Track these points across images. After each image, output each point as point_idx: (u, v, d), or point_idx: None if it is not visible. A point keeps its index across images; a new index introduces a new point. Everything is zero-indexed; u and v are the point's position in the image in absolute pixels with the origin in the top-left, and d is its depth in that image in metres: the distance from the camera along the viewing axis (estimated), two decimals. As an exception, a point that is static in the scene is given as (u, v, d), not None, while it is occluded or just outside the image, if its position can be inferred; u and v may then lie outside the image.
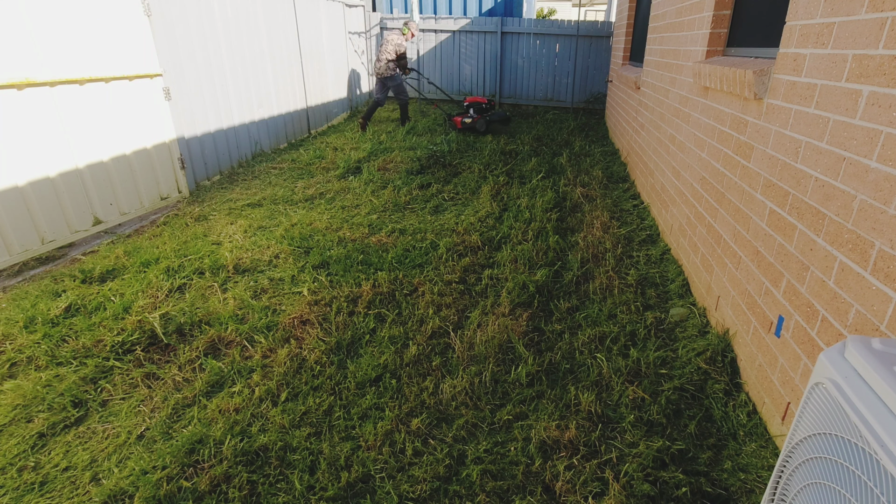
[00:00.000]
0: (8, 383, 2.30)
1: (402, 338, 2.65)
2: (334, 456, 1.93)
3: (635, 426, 2.05)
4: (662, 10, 4.52)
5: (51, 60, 3.52)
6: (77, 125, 3.76)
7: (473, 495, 1.77)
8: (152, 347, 2.58)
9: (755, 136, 2.32)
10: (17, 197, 3.40)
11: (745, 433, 2.01)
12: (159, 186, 4.59)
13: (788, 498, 1.02)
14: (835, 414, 0.88)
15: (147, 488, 1.77)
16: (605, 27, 9.23)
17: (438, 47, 10.11)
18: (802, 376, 1.77)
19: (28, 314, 2.77)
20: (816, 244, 1.76)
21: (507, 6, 10.27)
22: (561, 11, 22.72)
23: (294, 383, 2.32)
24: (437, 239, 3.85)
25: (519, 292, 3.04)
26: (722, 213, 2.66)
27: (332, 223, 4.14)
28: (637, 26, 6.57)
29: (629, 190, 5.09)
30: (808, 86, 1.86)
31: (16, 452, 1.96)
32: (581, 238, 3.87)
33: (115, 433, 2.07)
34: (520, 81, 10.07)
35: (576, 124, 8.38)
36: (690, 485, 1.78)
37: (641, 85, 5.25)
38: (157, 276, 3.21)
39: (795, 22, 2.00)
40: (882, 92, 1.46)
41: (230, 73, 5.61)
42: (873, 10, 1.53)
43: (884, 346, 0.90)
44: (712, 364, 2.37)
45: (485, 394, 2.26)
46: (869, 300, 1.47)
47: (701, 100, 3.15)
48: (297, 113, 7.27)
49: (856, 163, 1.57)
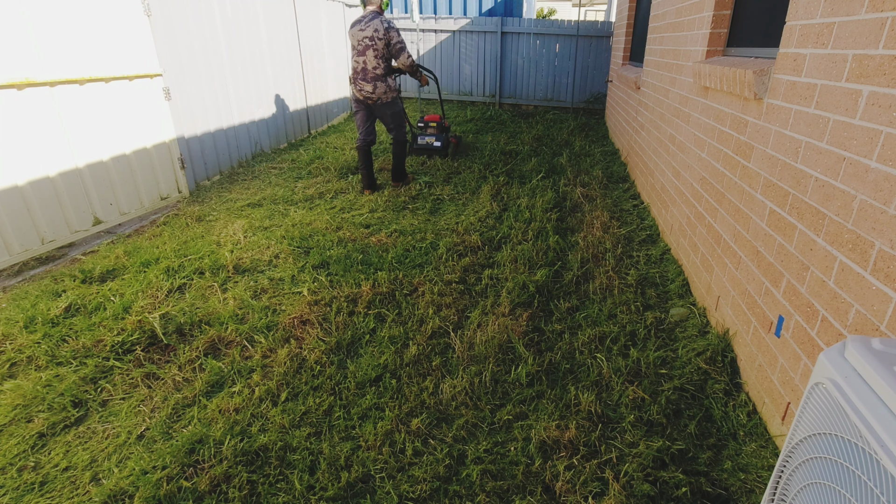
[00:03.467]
0: (8, 383, 2.30)
1: (402, 338, 2.65)
2: (334, 456, 1.93)
3: (635, 426, 2.05)
4: (662, 10, 4.52)
5: (51, 60, 3.52)
6: (77, 125, 3.76)
7: (473, 495, 1.77)
8: (152, 347, 2.58)
9: (755, 136, 2.32)
10: (17, 197, 3.40)
11: (745, 433, 2.01)
12: (159, 186, 4.59)
13: (788, 498, 1.02)
14: (835, 414, 0.88)
15: (147, 488, 1.77)
16: (605, 27, 9.23)
17: (438, 47, 10.11)
18: (802, 376, 1.77)
19: (28, 314, 2.77)
20: (816, 244, 1.76)
21: (507, 6, 10.27)
22: (561, 11, 22.72)
23: (294, 383, 2.32)
24: (436, 239, 3.85)
25: (519, 292, 3.04)
26: (722, 213, 2.66)
27: (332, 223, 4.14)
28: (637, 26, 6.57)
29: (629, 190, 5.09)
30: (808, 86, 1.86)
31: (16, 452, 1.96)
32: (581, 238, 3.87)
33: (115, 433, 2.07)
34: (520, 81, 10.07)
35: (576, 124, 8.38)
36: (690, 485, 1.78)
37: (641, 85, 5.25)
38: (157, 276, 3.21)
39: (795, 22, 2.00)
40: (882, 92, 1.46)
41: (230, 73, 5.61)
42: (873, 10, 1.53)
43: (884, 346, 0.90)
44: (712, 364, 2.37)
45: (485, 394, 2.26)
46: (869, 300, 1.47)
47: (701, 100, 3.15)
48: (297, 113, 7.26)
49: (856, 163, 1.57)
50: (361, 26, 4.55)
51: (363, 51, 4.56)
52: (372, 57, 4.55)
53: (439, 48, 10.11)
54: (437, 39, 10.05)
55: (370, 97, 4.69)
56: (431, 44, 10.10)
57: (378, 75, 4.61)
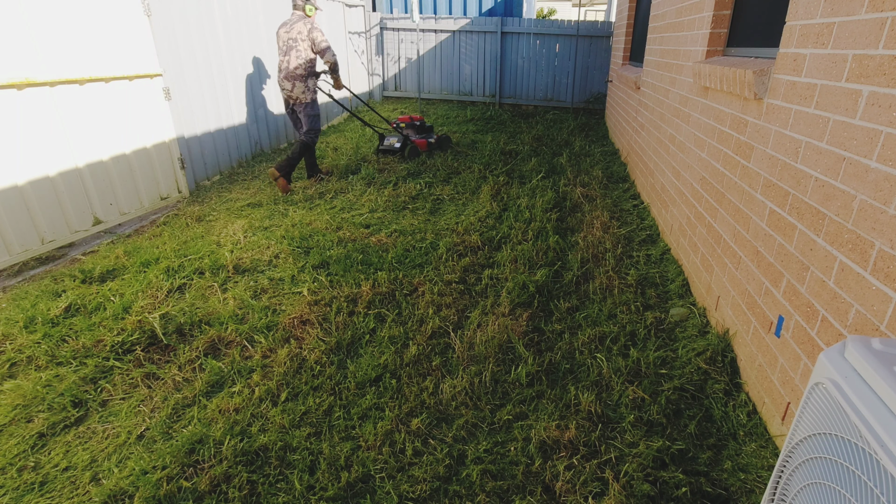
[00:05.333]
0: (8, 383, 2.30)
1: (402, 338, 2.65)
2: (334, 456, 1.93)
3: (635, 426, 2.05)
4: (662, 10, 4.52)
5: (51, 60, 3.52)
6: (77, 125, 3.76)
7: (473, 495, 1.77)
8: (152, 347, 2.58)
9: (755, 136, 2.32)
10: (17, 197, 3.40)
11: (745, 433, 2.01)
12: (159, 186, 4.59)
13: (788, 498, 1.02)
14: (835, 414, 0.88)
15: (147, 488, 1.77)
16: (605, 27, 9.23)
17: (438, 47, 10.11)
18: (802, 376, 1.77)
19: (28, 314, 2.77)
20: (816, 244, 1.76)
21: (507, 6, 10.27)
22: (561, 11, 22.72)
23: (294, 383, 2.32)
24: (436, 239, 3.85)
25: (519, 292, 3.04)
26: (722, 213, 2.66)
27: (332, 223, 4.14)
28: (637, 26, 6.57)
29: (629, 190, 5.09)
30: (808, 86, 1.86)
31: (16, 452, 1.96)
32: (581, 238, 3.87)
33: (115, 433, 2.07)
34: (520, 81, 10.07)
35: (576, 124, 8.38)
36: (690, 485, 1.78)
37: (641, 85, 5.25)
38: (157, 276, 3.21)
39: (795, 22, 2.00)
40: (882, 92, 1.46)
41: (230, 73, 5.61)
42: (873, 10, 1.53)
43: (884, 346, 0.90)
44: (712, 364, 2.37)
45: (485, 394, 2.26)
46: (869, 300, 1.47)
47: (701, 100, 3.15)
48: (297, 113, 7.25)
49: (856, 163, 1.57)
50: (287, 28, 4.82)
51: (287, 51, 4.82)
52: (294, 57, 4.79)
53: (439, 48, 10.11)
54: (437, 39, 10.04)
55: (290, 96, 4.95)
56: (431, 44, 10.10)
57: (298, 75, 4.82)
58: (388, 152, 6.21)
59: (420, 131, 6.45)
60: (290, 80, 4.84)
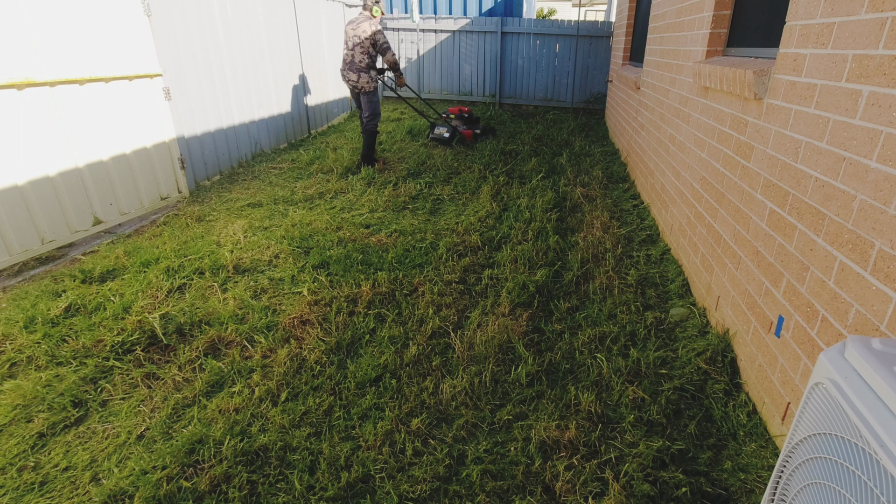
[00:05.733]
0: (8, 383, 2.30)
1: (402, 338, 2.65)
2: (334, 456, 1.93)
3: (635, 426, 2.05)
4: (662, 11, 4.52)
5: (51, 60, 3.52)
6: (77, 125, 3.76)
7: (473, 495, 1.77)
8: (152, 347, 2.58)
9: (755, 137, 2.32)
10: (17, 197, 3.40)
11: (745, 433, 2.01)
12: (159, 186, 4.59)
13: (788, 498, 1.02)
14: (835, 414, 0.88)
15: (147, 488, 1.77)
16: (605, 27, 9.23)
17: (438, 47, 10.11)
18: (802, 376, 1.77)
19: (28, 314, 2.77)
20: (816, 244, 1.76)
21: (507, 6, 10.27)
22: (561, 11, 22.72)
23: (294, 383, 2.32)
24: (436, 239, 3.85)
25: (519, 292, 3.04)
26: (722, 213, 2.66)
27: (332, 223, 4.14)
28: (637, 26, 6.57)
29: (629, 190, 5.09)
30: (808, 86, 1.86)
31: (16, 452, 1.96)
32: (581, 238, 3.87)
33: (115, 433, 2.07)
34: (520, 81, 10.07)
35: (576, 124, 8.38)
36: (690, 485, 1.78)
37: (641, 85, 5.25)
38: (157, 276, 3.21)
39: (795, 22, 2.00)
40: (882, 92, 1.46)
41: (230, 73, 5.61)
42: (873, 10, 1.53)
43: (884, 346, 0.90)
44: (712, 364, 2.37)
45: (485, 394, 2.26)
46: (869, 300, 1.47)
47: (701, 100, 3.15)
48: (297, 112, 7.26)
49: (856, 163, 1.57)
50: (353, 25, 5.47)
51: (353, 46, 5.48)
52: (358, 52, 5.46)
53: (439, 48, 10.11)
54: (437, 39, 10.04)
55: (355, 85, 5.62)
56: (431, 44, 10.10)
57: (361, 67, 5.53)
58: (438, 140, 6.78)
59: (468, 122, 6.99)
60: (356, 71, 5.52)
